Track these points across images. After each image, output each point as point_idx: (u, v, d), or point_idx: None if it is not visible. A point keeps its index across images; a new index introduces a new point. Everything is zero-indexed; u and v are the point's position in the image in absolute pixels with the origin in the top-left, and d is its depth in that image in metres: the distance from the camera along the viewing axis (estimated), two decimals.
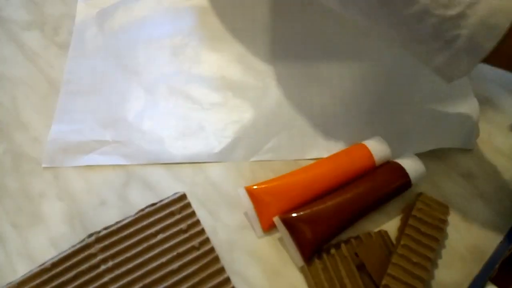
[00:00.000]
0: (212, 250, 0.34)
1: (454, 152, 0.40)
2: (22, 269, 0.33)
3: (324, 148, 0.40)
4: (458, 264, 0.35)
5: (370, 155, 0.37)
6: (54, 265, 0.33)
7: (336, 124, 0.41)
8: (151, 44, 0.45)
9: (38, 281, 0.32)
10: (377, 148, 0.37)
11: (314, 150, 0.40)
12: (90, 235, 0.34)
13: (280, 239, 0.36)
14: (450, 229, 0.36)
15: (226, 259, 0.34)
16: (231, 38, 0.46)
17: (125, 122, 0.41)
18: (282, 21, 0.47)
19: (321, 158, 0.39)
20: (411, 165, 0.36)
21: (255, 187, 0.36)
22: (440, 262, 0.35)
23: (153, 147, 0.40)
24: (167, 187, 0.38)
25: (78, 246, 0.33)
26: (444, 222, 0.34)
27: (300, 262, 0.34)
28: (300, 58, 0.44)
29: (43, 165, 0.38)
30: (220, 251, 0.35)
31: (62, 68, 0.43)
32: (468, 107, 0.41)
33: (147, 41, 0.45)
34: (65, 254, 0.33)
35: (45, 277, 0.32)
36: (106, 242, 0.34)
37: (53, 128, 0.40)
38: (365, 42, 0.45)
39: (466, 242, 0.36)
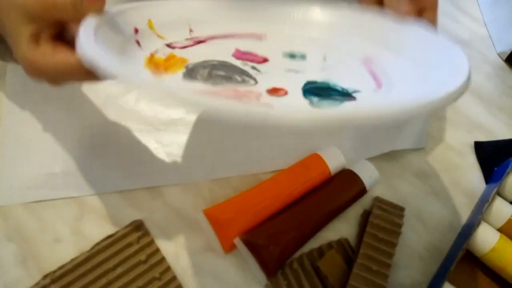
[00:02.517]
0: (174, 278, 0.34)
1: (407, 152, 0.41)
2: None
3: (281, 160, 0.39)
4: (417, 263, 0.36)
5: (325, 165, 0.37)
6: None
7: (291, 135, 0.41)
8: None
9: None
10: (332, 158, 0.37)
11: (271, 162, 0.40)
12: (45, 276, 0.33)
13: (244, 258, 0.35)
14: (407, 229, 0.37)
15: (191, 284, 0.34)
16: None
17: (74, 151, 0.39)
18: None
19: (278, 171, 0.39)
20: (365, 172, 0.36)
21: (213, 209, 0.35)
22: (399, 263, 0.36)
23: (105, 174, 0.38)
24: (123, 215, 0.36)
25: None
26: (400, 226, 0.35)
27: (264, 280, 0.34)
28: None
29: None
30: (184, 276, 0.34)
31: (1, 98, 0.41)
32: None
33: None
34: None
35: None
36: (63, 282, 0.33)
37: None
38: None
39: (423, 241, 0.37)
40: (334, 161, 0.37)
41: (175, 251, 0.35)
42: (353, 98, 0.29)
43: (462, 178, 0.40)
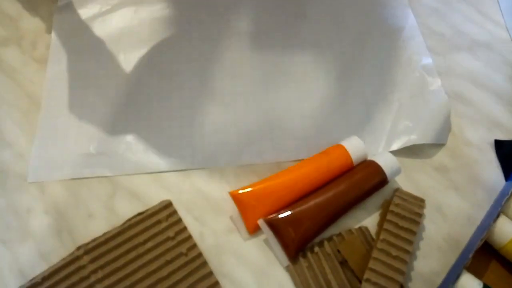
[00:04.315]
0: (200, 255, 0.35)
1: (428, 147, 0.42)
2: (13, 284, 0.34)
3: (304, 150, 0.41)
4: (435, 254, 0.37)
5: (348, 155, 0.38)
6: (45, 279, 0.33)
7: (315, 126, 0.42)
8: (131, 55, 0.46)
9: None
10: (354, 148, 0.38)
11: (295, 152, 0.41)
12: (79, 248, 0.35)
13: (266, 241, 0.37)
14: (426, 221, 0.38)
15: (214, 263, 0.36)
16: (209, 44, 0.47)
17: (109, 133, 0.41)
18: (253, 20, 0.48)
19: (302, 160, 0.40)
20: (387, 163, 0.38)
21: (239, 191, 0.37)
22: (418, 253, 0.37)
23: (138, 157, 0.40)
24: (153, 196, 0.38)
25: (67, 259, 0.34)
26: (420, 215, 0.36)
27: (286, 261, 0.35)
28: (277, 61, 0.46)
29: (29, 180, 0.39)
30: (208, 255, 0.36)
31: (42, 82, 0.44)
32: (439, 103, 0.42)
33: (126, 51, 0.46)
34: (55, 267, 0.34)
35: None
36: (95, 254, 0.34)
37: (37, 143, 0.40)
38: (331, 37, 0.47)
39: (442, 233, 0.38)
40: (357, 151, 0.38)
41: (200, 230, 0.37)
42: None
43: (481, 174, 0.41)
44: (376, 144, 0.41)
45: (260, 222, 0.35)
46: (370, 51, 0.46)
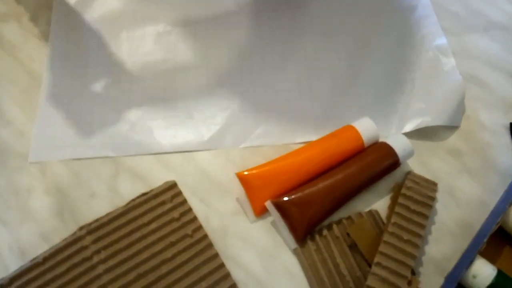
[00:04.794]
0: (205, 236, 0.34)
1: (441, 130, 0.40)
2: (14, 265, 0.33)
3: (313, 131, 0.40)
4: (447, 238, 0.36)
5: (359, 136, 0.37)
6: (46, 259, 0.32)
7: (324, 107, 0.41)
8: (134, 33, 0.44)
9: (30, 275, 0.32)
10: (366, 129, 0.37)
11: (303, 133, 0.40)
12: (81, 228, 0.34)
13: (273, 223, 0.36)
14: (439, 205, 0.37)
15: (220, 245, 0.35)
16: (214, 24, 0.45)
17: (111, 113, 0.40)
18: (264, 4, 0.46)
19: (311, 141, 0.39)
20: (399, 144, 0.36)
21: (246, 172, 0.36)
22: (430, 237, 0.36)
23: (141, 138, 0.39)
24: (157, 176, 0.37)
25: (69, 239, 0.33)
26: (433, 199, 0.35)
27: (293, 244, 0.34)
28: (285, 41, 0.44)
29: (30, 160, 0.38)
30: (214, 237, 0.35)
31: (43, 60, 0.42)
32: (453, 84, 0.41)
33: (129, 29, 0.44)
34: (56, 247, 0.33)
35: (37, 271, 0.32)
36: (98, 234, 0.34)
37: (38, 122, 0.39)
38: (342, 16, 0.45)
39: (454, 217, 0.37)
40: (368, 133, 0.37)
41: (205, 212, 0.36)
42: None
43: (495, 158, 0.39)
44: (388, 126, 0.40)
45: (268, 204, 0.34)
46: (382, 30, 0.45)
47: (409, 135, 0.39)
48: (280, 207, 0.34)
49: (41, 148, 0.38)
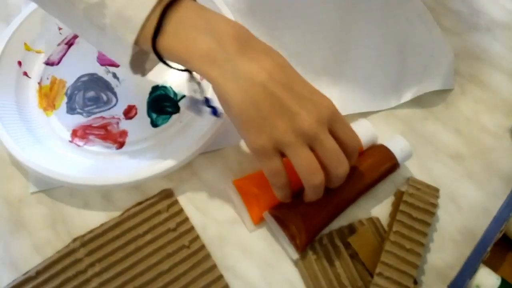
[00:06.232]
0: (202, 247, 0.33)
1: (442, 134, 0.40)
2: (6, 278, 0.32)
3: None
4: (449, 246, 0.35)
5: None
6: (39, 272, 0.32)
7: (318, 85, 0.40)
8: None
9: None
10: (363, 132, 0.36)
11: None
12: (75, 240, 0.33)
13: (272, 231, 0.35)
14: (440, 212, 0.36)
15: (218, 255, 0.34)
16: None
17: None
18: None
19: None
20: (397, 146, 0.36)
21: (243, 180, 0.35)
22: (431, 245, 0.35)
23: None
24: (152, 184, 0.36)
25: (63, 251, 0.32)
26: (435, 206, 0.34)
27: (294, 254, 0.33)
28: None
29: (31, 191, 0.36)
30: (211, 247, 0.34)
31: None
32: (442, 50, 0.42)
33: None
34: (50, 260, 0.32)
35: (30, 285, 0.31)
36: (92, 246, 0.33)
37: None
38: None
39: (456, 224, 0.36)
40: (366, 135, 0.36)
41: (202, 221, 0.35)
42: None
43: (497, 162, 0.39)
44: (387, 97, 0.41)
45: (266, 215, 0.34)
46: (371, 2, 0.45)
47: (409, 138, 0.38)
48: (279, 218, 0.33)
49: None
